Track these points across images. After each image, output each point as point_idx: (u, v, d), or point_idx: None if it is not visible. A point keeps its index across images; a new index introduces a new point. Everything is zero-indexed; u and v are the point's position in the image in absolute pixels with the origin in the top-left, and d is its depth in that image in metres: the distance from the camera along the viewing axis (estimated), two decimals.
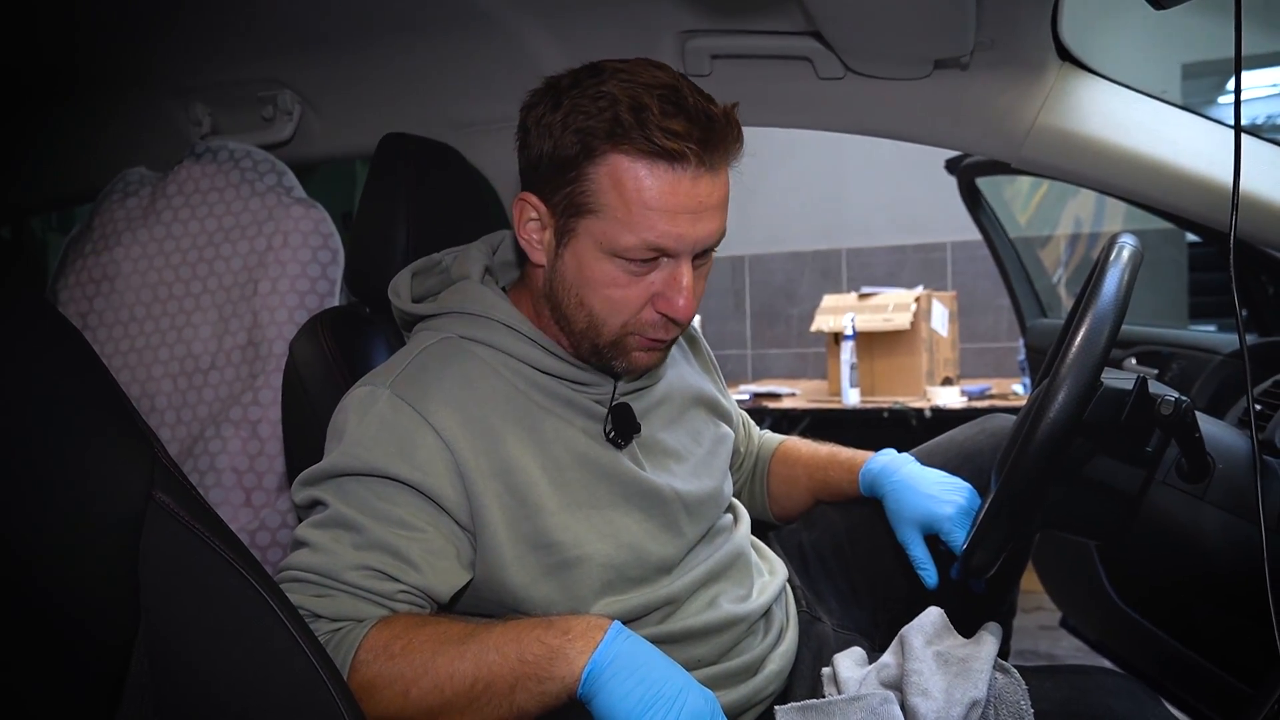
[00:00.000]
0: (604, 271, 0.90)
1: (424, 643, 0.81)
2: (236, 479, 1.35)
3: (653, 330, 0.93)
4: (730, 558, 1.05)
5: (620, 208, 0.87)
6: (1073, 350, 0.86)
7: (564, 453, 0.94)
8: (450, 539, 0.89)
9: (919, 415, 2.88)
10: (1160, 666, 1.57)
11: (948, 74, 1.21)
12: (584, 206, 0.89)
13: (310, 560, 0.85)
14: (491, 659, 0.78)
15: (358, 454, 0.88)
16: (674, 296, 0.90)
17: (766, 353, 4.20)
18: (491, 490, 0.90)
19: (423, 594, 0.87)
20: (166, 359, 1.43)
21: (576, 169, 0.88)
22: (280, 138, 1.52)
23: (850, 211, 4.01)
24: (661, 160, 0.85)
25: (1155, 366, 1.94)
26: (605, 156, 0.87)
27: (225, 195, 1.46)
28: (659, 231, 0.87)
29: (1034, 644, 2.70)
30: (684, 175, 0.86)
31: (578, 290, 0.92)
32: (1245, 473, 0.94)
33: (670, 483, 1.00)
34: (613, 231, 0.87)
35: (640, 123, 0.85)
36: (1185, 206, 1.14)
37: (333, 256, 1.43)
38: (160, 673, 0.61)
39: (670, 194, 0.86)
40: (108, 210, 1.53)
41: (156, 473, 0.63)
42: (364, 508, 0.87)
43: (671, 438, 1.05)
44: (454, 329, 0.98)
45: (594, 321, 0.93)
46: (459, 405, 0.91)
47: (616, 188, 0.87)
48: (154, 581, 0.61)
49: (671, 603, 0.98)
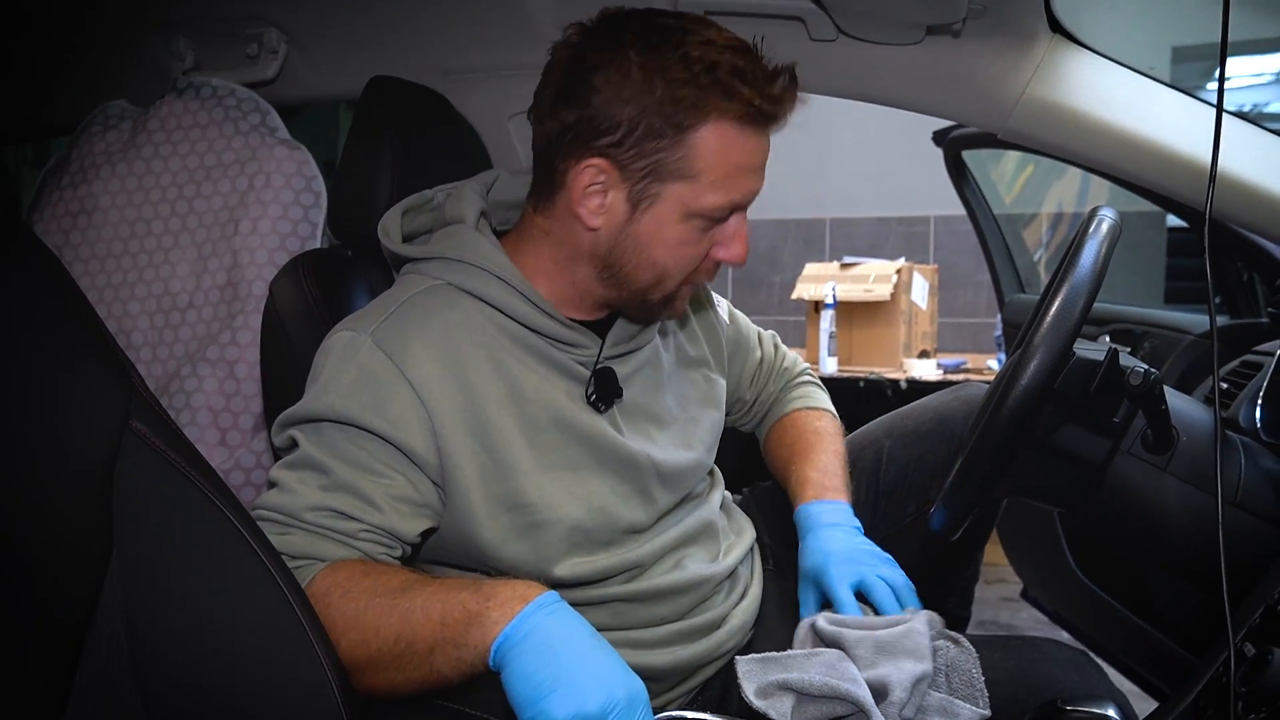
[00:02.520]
0: (682, 232, 0.91)
1: (360, 593, 0.79)
2: (212, 418, 1.34)
3: (706, 277, 0.97)
4: (700, 524, 1.05)
5: (718, 171, 0.89)
6: (1048, 319, 0.88)
7: (542, 413, 0.93)
8: (417, 486, 0.89)
9: (894, 386, 2.91)
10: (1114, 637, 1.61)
11: (939, 41, 1.21)
12: (678, 172, 0.88)
13: (276, 500, 0.86)
14: (417, 618, 0.76)
15: (332, 402, 0.88)
16: (736, 246, 0.95)
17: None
18: (466, 448, 0.89)
19: (387, 534, 0.87)
20: (144, 296, 1.42)
21: (677, 135, 0.87)
22: (264, 76, 1.50)
23: (836, 182, 4.01)
24: (758, 122, 0.89)
25: (1128, 345, 1.96)
26: (714, 122, 0.87)
27: (208, 133, 1.44)
28: (744, 190, 0.91)
29: (995, 615, 2.76)
30: (762, 137, 0.91)
31: (650, 252, 0.92)
32: (1208, 446, 0.97)
33: (648, 450, 0.99)
34: (703, 194, 0.89)
35: (747, 85, 0.86)
36: (1166, 184, 1.15)
37: (315, 200, 1.42)
38: (133, 598, 0.61)
39: (758, 153, 0.91)
40: (87, 143, 1.50)
41: (133, 402, 0.63)
42: (334, 451, 0.87)
43: (655, 402, 1.04)
44: (444, 275, 0.96)
45: (661, 279, 0.94)
46: (439, 359, 0.90)
47: (720, 153, 0.88)
48: (128, 509, 0.62)
49: (638, 566, 0.98)
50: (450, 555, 0.94)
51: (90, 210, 1.45)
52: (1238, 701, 0.74)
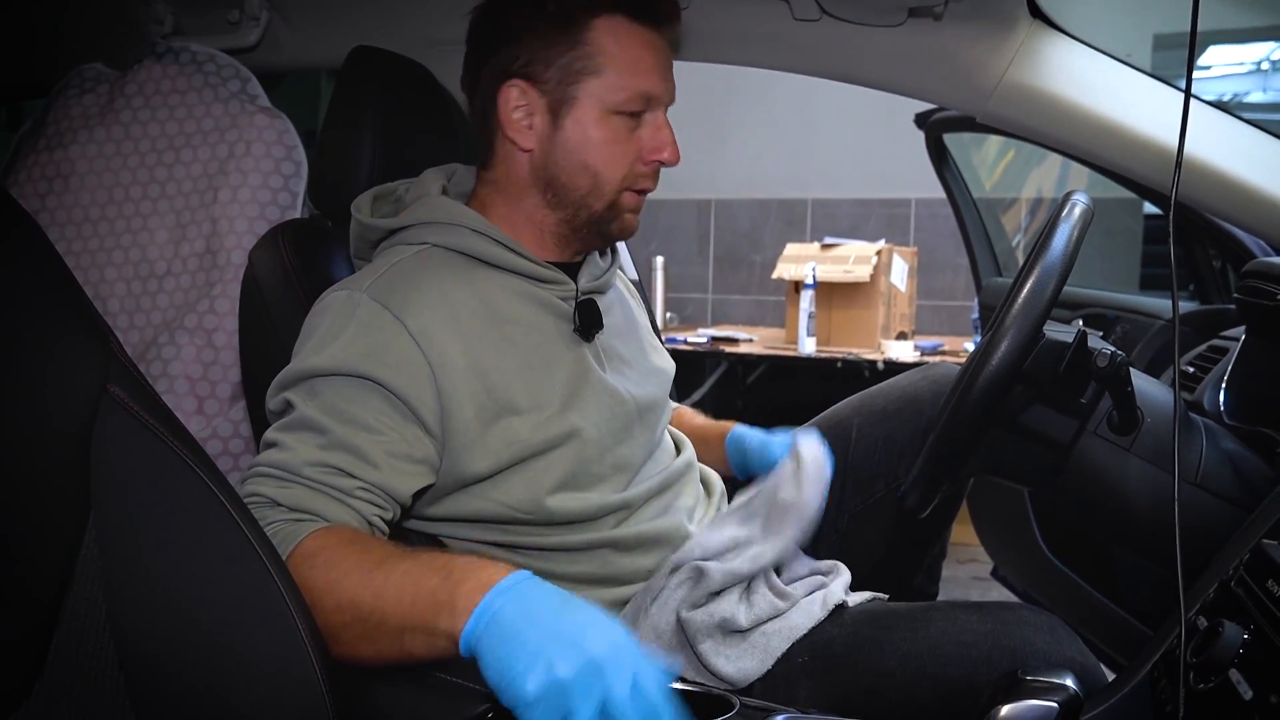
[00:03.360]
0: (607, 129, 0.99)
1: (341, 560, 0.80)
2: (189, 386, 1.34)
3: (644, 181, 1.03)
4: (684, 466, 1.13)
5: (620, 63, 0.98)
6: (1019, 301, 0.89)
7: (533, 352, 0.99)
8: (415, 443, 0.91)
9: (872, 367, 2.93)
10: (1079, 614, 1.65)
11: (921, 23, 1.21)
12: (586, 69, 0.98)
13: (275, 457, 0.88)
14: (389, 595, 0.76)
15: (332, 353, 0.90)
16: (663, 144, 1.01)
17: (727, 298, 4.23)
18: (466, 390, 0.93)
19: (381, 491, 0.89)
20: (121, 262, 1.41)
21: (577, 35, 0.98)
22: (245, 43, 1.49)
23: (818, 163, 4.01)
24: (648, 18, 1.00)
25: (1101, 329, 1.99)
26: (594, 19, 0.98)
27: (187, 99, 1.42)
28: (651, 80, 1.00)
29: (965, 593, 2.80)
30: (659, 34, 1.01)
31: (581, 155, 1.00)
32: (1171, 427, 0.99)
33: (625, 386, 1.06)
34: (615, 86, 0.98)
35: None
36: (1136, 169, 1.17)
37: (296, 169, 1.41)
38: (111, 562, 0.62)
39: (653, 49, 1.01)
40: (63, 106, 1.48)
41: (111, 366, 0.63)
42: (330, 410, 0.89)
43: (624, 345, 1.11)
44: (425, 238, 1.01)
45: (598, 182, 1.01)
46: (435, 308, 0.95)
47: (618, 45, 0.98)
48: (106, 473, 0.62)
49: (626, 507, 1.02)
50: (440, 503, 0.96)
51: (67, 175, 1.43)
52: (1189, 672, 0.76)
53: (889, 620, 1.00)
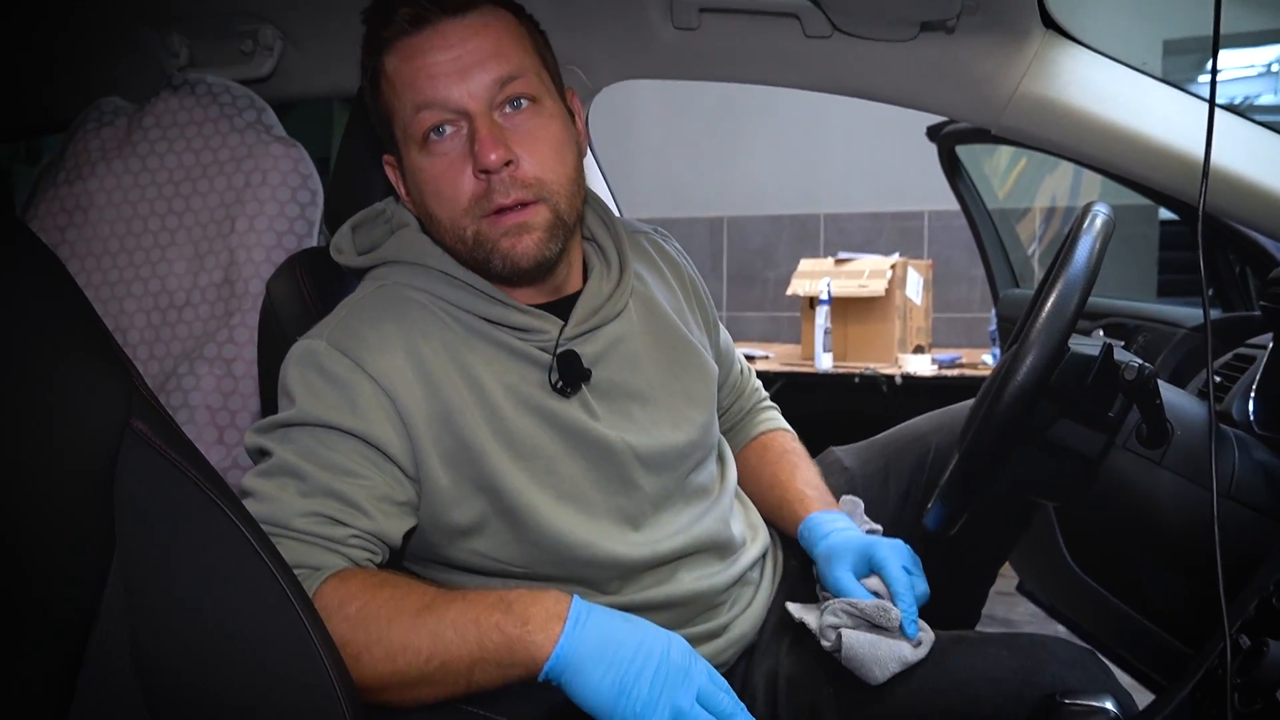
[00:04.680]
0: (423, 166, 0.92)
1: (380, 607, 0.80)
2: (210, 416, 1.34)
3: (489, 201, 0.90)
4: (707, 534, 1.01)
5: (396, 94, 0.92)
6: (1043, 315, 0.88)
7: (504, 400, 0.92)
8: (395, 485, 0.88)
9: (889, 381, 2.91)
10: (1109, 630, 1.62)
11: (933, 37, 1.21)
12: (388, 118, 0.95)
13: (257, 510, 0.84)
14: (449, 638, 0.78)
15: (301, 407, 0.88)
16: (476, 148, 0.88)
17: (742, 315, 4.22)
18: (431, 435, 0.89)
19: (374, 539, 0.87)
20: (140, 294, 1.41)
21: (376, 93, 0.95)
22: (260, 74, 1.50)
23: (829, 177, 4.01)
24: (407, 34, 0.90)
25: (1122, 339, 1.97)
26: (380, 63, 0.93)
27: (204, 130, 1.43)
28: (421, 88, 0.89)
29: (990, 609, 2.76)
30: (428, 33, 0.90)
31: (424, 206, 0.94)
32: (1202, 440, 0.98)
33: (623, 435, 0.96)
34: (403, 119, 0.92)
35: (379, 11, 0.92)
36: (1159, 179, 1.16)
37: (311, 197, 1.42)
38: (135, 598, 0.61)
39: (422, 53, 0.90)
40: (82, 139, 1.50)
41: (134, 401, 0.63)
42: (308, 455, 0.86)
43: (638, 378, 1.00)
44: (393, 278, 0.97)
45: (447, 226, 0.92)
46: (396, 351, 0.90)
47: (390, 80, 0.93)
48: (130, 509, 0.61)
49: (632, 565, 0.95)
50: (431, 550, 0.94)
51: (86, 207, 1.44)
52: (1234, 693, 0.75)
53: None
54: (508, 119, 0.91)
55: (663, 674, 0.76)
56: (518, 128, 0.91)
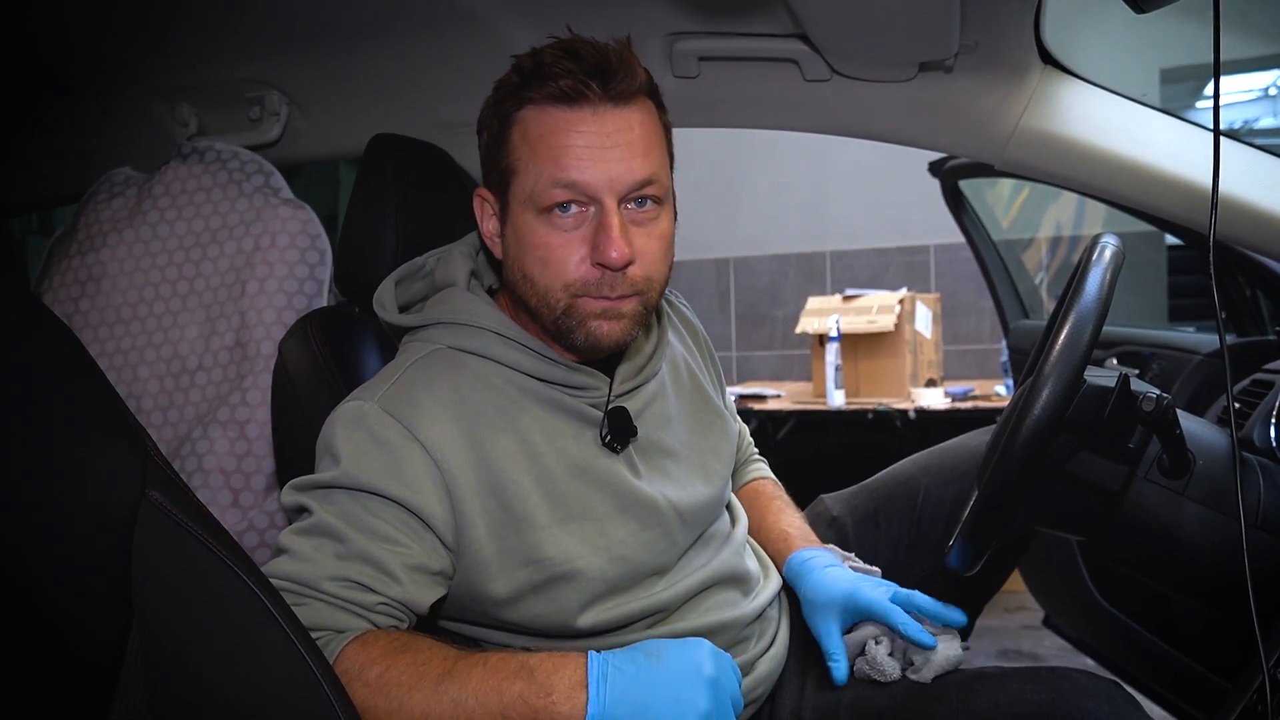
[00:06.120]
0: (537, 232, 0.90)
1: (401, 674, 0.79)
2: (224, 480, 1.34)
3: (596, 288, 0.90)
4: (727, 568, 1.03)
5: (532, 156, 0.89)
6: (1056, 348, 0.88)
7: (557, 463, 0.93)
8: (432, 555, 0.88)
9: (903, 416, 2.90)
10: (1140, 663, 1.59)
11: (932, 76, 1.22)
12: (509, 171, 0.92)
13: (290, 568, 0.84)
14: (470, 705, 0.77)
15: (346, 469, 0.87)
16: (602, 242, 0.88)
17: (751, 355, 4.22)
18: (479, 506, 0.89)
19: (402, 607, 0.86)
20: (153, 360, 1.42)
21: (501, 140, 0.92)
22: (267, 139, 1.52)
23: (834, 214, 4.03)
24: (561, 102, 0.88)
25: (1136, 367, 1.96)
26: (517, 115, 0.91)
27: (212, 196, 1.45)
28: (565, 167, 0.88)
29: (1016, 643, 2.72)
30: (584, 112, 0.88)
31: (520, 262, 0.93)
32: (1225, 469, 0.96)
33: (664, 491, 0.98)
34: (530, 182, 0.89)
35: (536, 70, 0.89)
36: (1166, 208, 1.16)
37: (320, 257, 1.43)
38: (154, 670, 0.61)
39: (573, 130, 0.88)
40: (93, 211, 1.52)
41: (149, 470, 0.63)
42: (349, 518, 0.86)
43: (670, 436, 1.03)
44: (443, 339, 0.97)
45: (539, 291, 0.92)
46: (448, 419, 0.90)
47: (525, 138, 0.90)
48: (147, 579, 0.61)
49: (663, 610, 0.97)
50: (464, 613, 0.93)
51: (99, 277, 1.46)
52: None
53: (938, 690, 0.96)
54: (632, 215, 0.91)
55: (694, 709, 0.76)
56: (641, 225, 0.91)
